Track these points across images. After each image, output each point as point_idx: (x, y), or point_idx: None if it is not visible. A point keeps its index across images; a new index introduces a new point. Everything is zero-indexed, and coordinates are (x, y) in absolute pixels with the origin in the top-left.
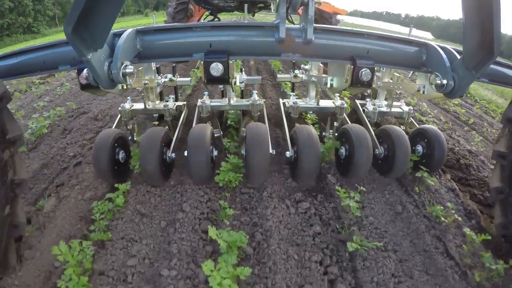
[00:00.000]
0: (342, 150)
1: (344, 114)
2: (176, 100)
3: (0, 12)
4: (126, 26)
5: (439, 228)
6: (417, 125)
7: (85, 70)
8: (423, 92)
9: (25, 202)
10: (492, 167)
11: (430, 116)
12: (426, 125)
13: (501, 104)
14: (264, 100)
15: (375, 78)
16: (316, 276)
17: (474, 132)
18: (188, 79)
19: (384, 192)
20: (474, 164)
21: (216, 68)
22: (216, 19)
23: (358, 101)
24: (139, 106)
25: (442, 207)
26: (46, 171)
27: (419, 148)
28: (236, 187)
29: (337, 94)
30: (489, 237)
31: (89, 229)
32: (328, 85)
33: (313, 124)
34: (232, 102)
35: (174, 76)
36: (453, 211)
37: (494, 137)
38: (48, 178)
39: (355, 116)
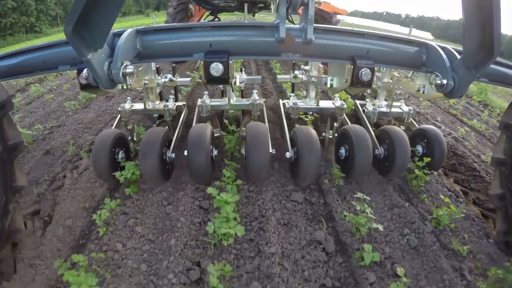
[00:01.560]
0: (342, 151)
1: (344, 115)
2: (176, 100)
3: (3, 12)
4: (129, 26)
5: None
6: (417, 126)
7: (85, 70)
8: (423, 92)
9: (89, 134)
10: (434, 122)
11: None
12: (426, 126)
13: (470, 88)
14: (264, 100)
15: (375, 79)
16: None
17: (428, 102)
18: (188, 79)
19: None
20: (417, 119)
21: (216, 68)
22: (216, 19)
23: (358, 101)
24: (139, 106)
25: None
26: (101, 119)
27: (419, 148)
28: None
29: (337, 95)
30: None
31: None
32: (328, 85)
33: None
34: (232, 101)
35: (174, 76)
36: None
37: (445, 106)
38: (103, 122)
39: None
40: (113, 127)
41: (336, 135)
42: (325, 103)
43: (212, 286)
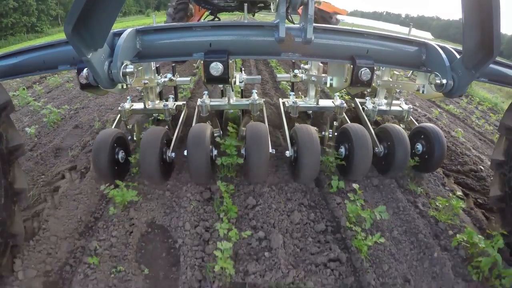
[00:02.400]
0: (342, 149)
1: (344, 113)
2: (176, 100)
3: (4, 12)
4: (129, 26)
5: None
6: (417, 124)
7: (85, 70)
8: (423, 92)
9: (112, 113)
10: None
11: None
12: (425, 124)
13: None
14: (264, 99)
15: (374, 77)
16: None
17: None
18: (188, 78)
19: None
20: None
21: (216, 68)
22: (216, 19)
23: (357, 100)
24: (139, 106)
25: None
26: (119, 102)
27: (419, 146)
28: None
29: (337, 94)
30: None
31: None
32: (328, 85)
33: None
34: (231, 101)
35: (173, 75)
36: None
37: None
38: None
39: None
40: (113, 127)
41: (336, 134)
42: (324, 102)
43: (221, 191)
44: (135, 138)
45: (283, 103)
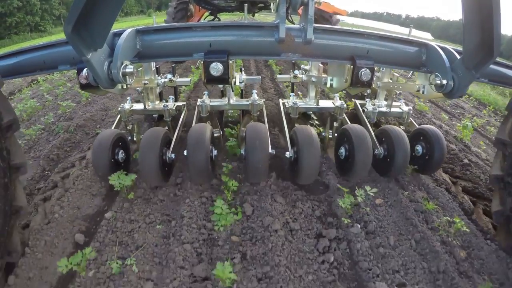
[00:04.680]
0: (342, 150)
1: (344, 114)
2: (176, 100)
3: (8, 11)
4: (131, 26)
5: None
6: (417, 125)
7: (85, 70)
8: (423, 92)
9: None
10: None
11: None
12: (425, 126)
13: None
14: (264, 100)
15: (374, 78)
16: None
17: None
18: (188, 79)
19: None
20: None
21: (216, 68)
22: (216, 19)
23: (357, 101)
24: (139, 106)
25: None
26: (125, 93)
27: (419, 148)
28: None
29: (337, 94)
30: None
31: None
32: (328, 85)
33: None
34: (231, 101)
35: (173, 76)
36: None
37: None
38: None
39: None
40: (113, 127)
41: (336, 134)
42: (325, 103)
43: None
44: (135, 139)
45: (283, 103)
